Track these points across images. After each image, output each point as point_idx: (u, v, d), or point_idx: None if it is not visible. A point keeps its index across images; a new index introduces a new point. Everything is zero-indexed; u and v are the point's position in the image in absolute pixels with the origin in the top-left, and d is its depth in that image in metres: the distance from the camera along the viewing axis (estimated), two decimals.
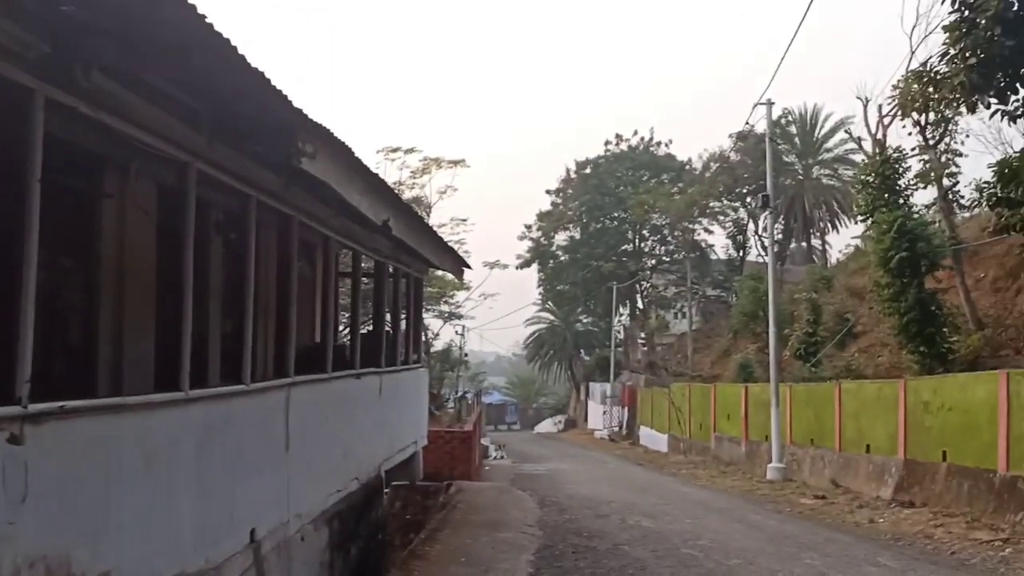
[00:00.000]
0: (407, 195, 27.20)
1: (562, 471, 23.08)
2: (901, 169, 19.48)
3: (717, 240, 56.51)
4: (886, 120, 32.07)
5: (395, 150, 24.09)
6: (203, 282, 8.51)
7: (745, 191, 47.37)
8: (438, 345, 41.92)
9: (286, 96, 5.38)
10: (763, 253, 47.24)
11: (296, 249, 8.35)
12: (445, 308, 48.27)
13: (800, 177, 44.79)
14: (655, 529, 11.96)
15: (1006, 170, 12.50)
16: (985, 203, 13.29)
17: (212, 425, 6.29)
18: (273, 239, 8.39)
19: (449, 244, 12.77)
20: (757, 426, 24.06)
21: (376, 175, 7.88)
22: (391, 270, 12.33)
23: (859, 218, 19.86)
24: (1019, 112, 11.92)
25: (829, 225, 44.29)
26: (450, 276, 38.83)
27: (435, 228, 27.58)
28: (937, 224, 20.27)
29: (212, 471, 6.19)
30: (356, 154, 6.95)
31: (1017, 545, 10.55)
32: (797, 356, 25.30)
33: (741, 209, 49.09)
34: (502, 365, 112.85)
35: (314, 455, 8.68)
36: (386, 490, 15.94)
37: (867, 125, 34.15)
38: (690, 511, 14.11)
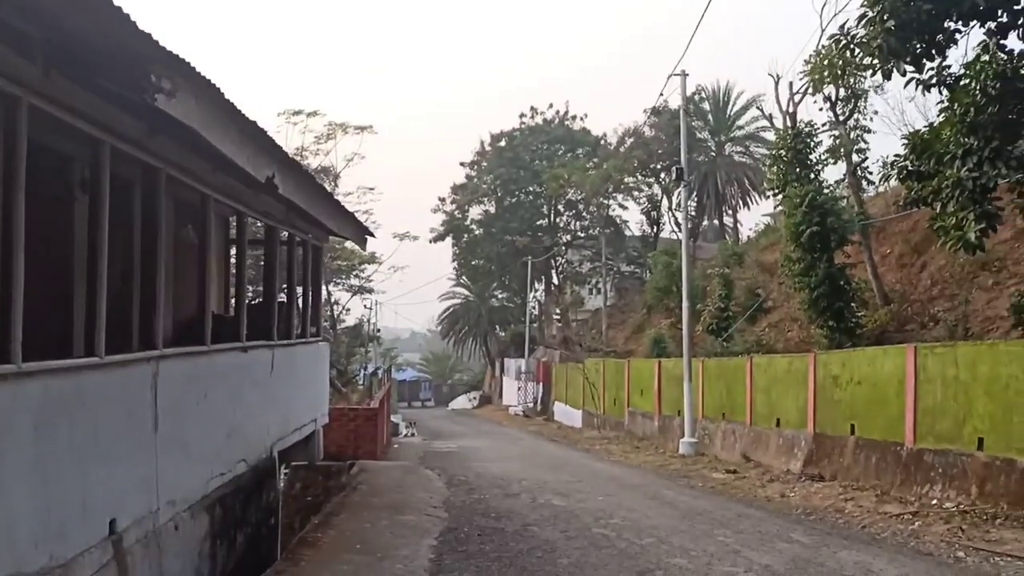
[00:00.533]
0: (312, 163, 25.83)
1: (474, 448, 22.52)
2: (812, 144, 19.52)
3: (632, 216, 56.90)
4: (797, 97, 32.62)
5: (297, 113, 22.76)
6: (65, 244, 7.51)
7: (659, 167, 47.60)
8: (349, 320, 40.85)
9: (132, 19, 4.48)
10: (677, 229, 47.67)
11: (165, 207, 7.38)
12: (355, 282, 47.13)
13: (713, 154, 45.22)
14: (566, 508, 11.49)
15: (918, 142, 12.40)
16: (896, 176, 13.18)
17: (55, 403, 5.38)
18: (139, 196, 7.39)
19: (348, 210, 11.86)
20: (670, 401, 24.04)
21: (256, 124, 6.98)
22: (284, 236, 11.39)
23: (771, 193, 19.82)
24: (933, 81, 11.81)
25: (741, 202, 44.94)
26: (357, 248, 37.98)
27: (340, 197, 26.46)
28: (846, 200, 20.44)
29: (57, 455, 5.30)
30: (228, 96, 6.05)
31: (926, 518, 10.50)
32: (709, 331, 25.37)
33: (655, 185, 49.42)
34: (417, 341, 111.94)
35: (191, 435, 7.79)
36: (285, 471, 15.06)
37: (778, 102, 34.49)
38: (603, 488, 13.72)
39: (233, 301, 10.53)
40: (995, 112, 10.71)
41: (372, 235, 13.63)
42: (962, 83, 11.04)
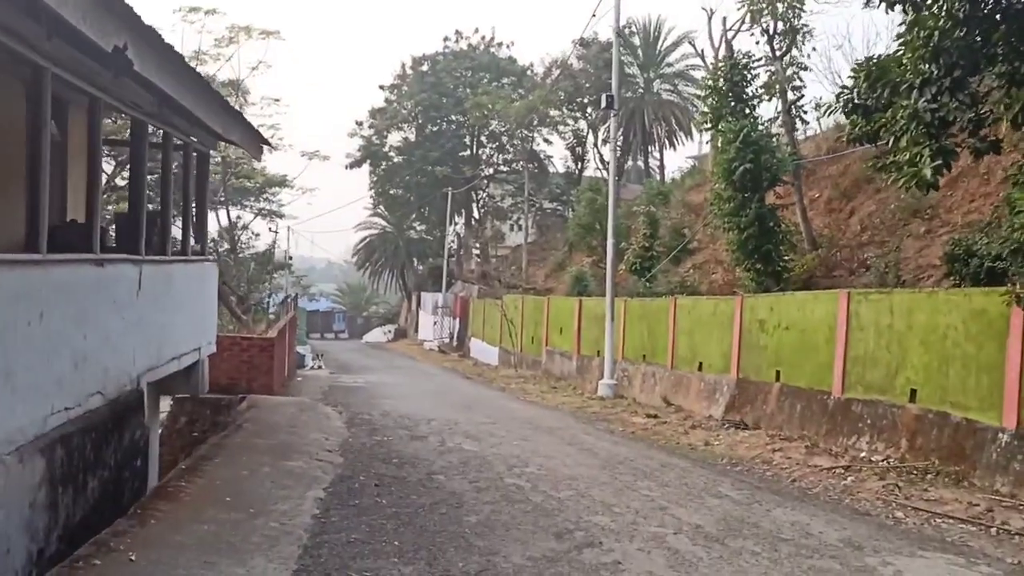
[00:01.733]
0: (211, 69, 23.32)
1: (383, 384, 21.32)
2: (749, 76, 18.52)
3: (556, 151, 55.68)
4: (731, 33, 31.69)
5: (194, 10, 20.26)
6: None
7: (586, 101, 46.32)
8: (259, 246, 38.64)
9: None
10: (602, 166, 46.78)
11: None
12: (264, 205, 44.71)
13: (641, 91, 44.09)
14: (478, 453, 10.45)
15: (872, 69, 11.43)
16: (841, 109, 12.24)
17: None
18: None
19: (235, 108, 10.16)
20: (590, 341, 23.28)
21: None
22: (160, 136, 9.69)
23: (703, 127, 18.80)
24: None
25: (667, 142, 44.13)
26: (265, 167, 35.48)
27: (243, 110, 24.21)
28: (778, 139, 19.64)
29: None
30: None
31: (858, 473, 9.89)
32: (632, 271, 24.59)
33: (582, 120, 48.18)
34: (333, 272, 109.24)
35: (18, 363, 6.29)
36: (169, 404, 13.55)
37: (711, 37, 33.63)
38: (518, 431, 12.75)
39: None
40: (960, 38, 9.78)
41: (269, 144, 11.99)
42: (928, 2, 10.08)
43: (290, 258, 54.14)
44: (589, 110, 46.78)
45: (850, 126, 12.78)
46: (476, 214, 56.29)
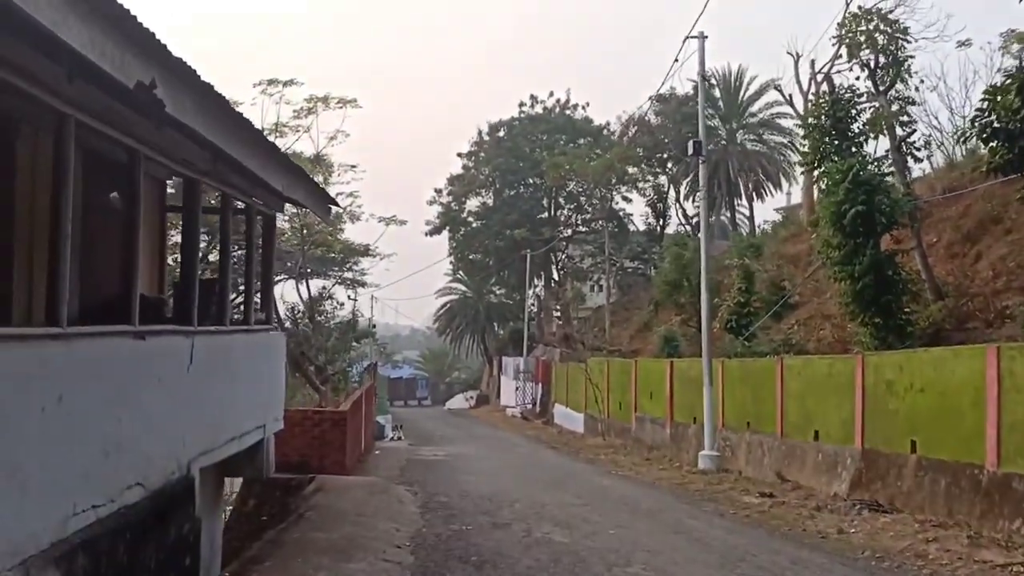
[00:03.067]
0: (290, 141, 23.07)
1: (464, 457, 19.98)
2: (854, 112, 16.94)
3: (636, 209, 54.39)
4: (819, 77, 30.11)
5: (272, 82, 20.10)
6: None
7: (666, 156, 45.13)
8: (343, 315, 38.42)
9: None
10: (685, 222, 45.22)
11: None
12: (348, 275, 44.65)
13: (724, 143, 42.61)
14: (569, 547, 8.96)
15: (1015, 86, 9.83)
16: (976, 136, 10.61)
17: None
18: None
19: (297, 164, 9.30)
20: (684, 406, 21.51)
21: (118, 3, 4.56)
22: (218, 197, 8.88)
23: (803, 169, 17.26)
24: None
25: (754, 193, 42.25)
26: (348, 238, 35.19)
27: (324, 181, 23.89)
28: (888, 179, 17.89)
29: None
30: None
31: None
32: (728, 329, 22.82)
33: (662, 176, 46.93)
34: (417, 339, 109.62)
35: (29, 457, 5.30)
36: (237, 487, 12.57)
37: (798, 82, 32.20)
38: (614, 515, 11.19)
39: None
40: None
41: (336, 204, 11.14)
42: None
43: (374, 326, 54.02)
44: (669, 165, 45.54)
45: (989, 154, 11.11)
46: (555, 276, 55.21)
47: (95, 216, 7.71)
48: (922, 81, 19.00)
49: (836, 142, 16.52)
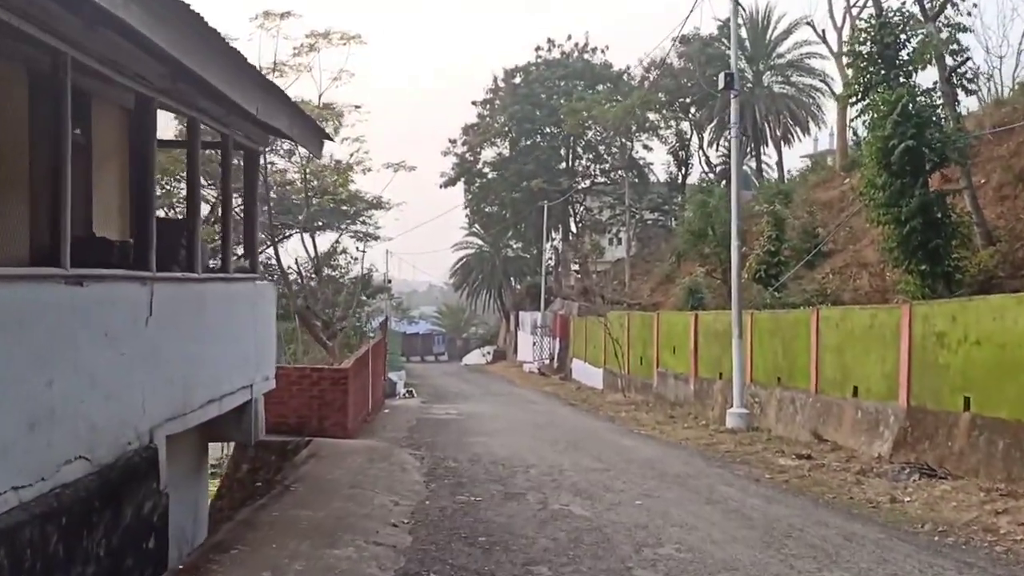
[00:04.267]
0: (290, 82, 21.50)
1: (478, 416, 19.00)
2: (903, 38, 15.35)
3: (656, 158, 52.51)
4: (855, 10, 28.16)
5: (268, 14, 18.54)
6: None
7: (689, 101, 43.28)
8: (357, 270, 37.49)
9: None
10: (709, 170, 43.54)
11: None
12: (361, 228, 43.52)
13: (750, 86, 40.64)
14: (592, 523, 7.89)
15: None
16: None
17: None
18: None
19: (279, 87, 8.03)
20: (709, 361, 20.34)
21: None
22: (187, 124, 7.70)
23: (850, 100, 15.72)
24: None
25: (783, 139, 40.35)
26: (361, 189, 33.92)
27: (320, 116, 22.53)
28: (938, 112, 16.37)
29: None
30: None
31: None
32: (756, 279, 21.52)
33: (684, 123, 45.12)
34: (434, 294, 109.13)
35: None
36: (225, 453, 11.60)
37: (832, 17, 30.24)
38: (639, 482, 10.12)
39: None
40: None
41: (330, 138, 9.92)
42: None
43: (389, 281, 53.03)
44: (693, 110, 43.71)
45: None
46: (573, 228, 53.80)
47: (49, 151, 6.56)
48: (975, 5, 17.30)
49: (883, 71, 15.00)
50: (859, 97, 15.43)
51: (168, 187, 17.74)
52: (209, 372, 8.20)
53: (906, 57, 15.27)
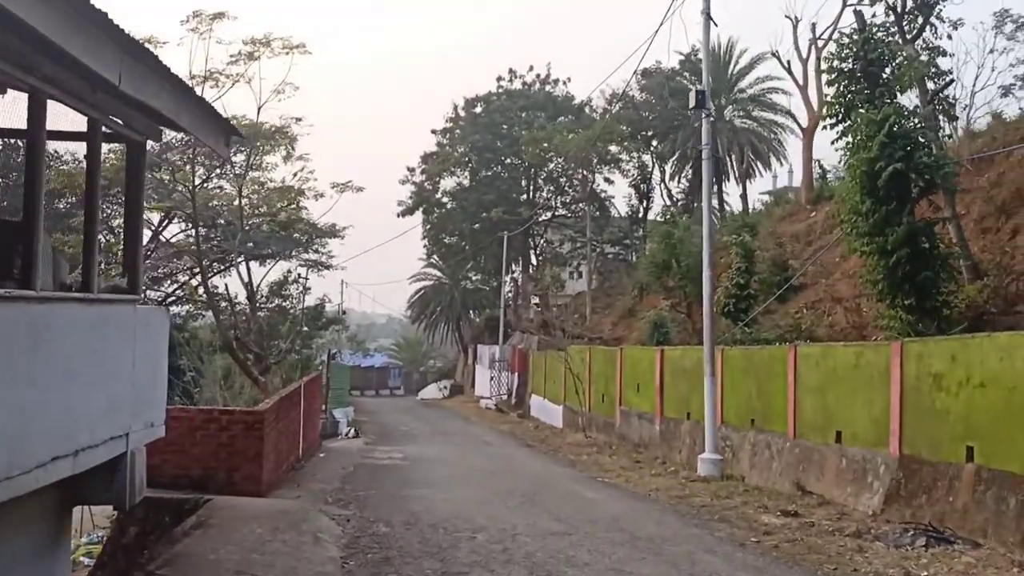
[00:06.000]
0: (228, 94, 19.57)
1: (424, 460, 17.22)
2: (888, 54, 14.30)
3: (618, 191, 51.71)
4: (820, 42, 27.55)
5: (197, 15, 16.76)
6: None
7: (651, 134, 42.50)
8: (310, 300, 35.56)
9: None
10: (670, 203, 42.63)
11: None
12: (313, 256, 41.62)
13: (712, 119, 39.96)
14: None
15: None
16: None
17: None
18: None
19: (158, 57, 6.38)
20: (675, 400, 18.94)
21: None
22: (28, 99, 6.01)
23: (829, 122, 14.60)
24: None
25: (748, 171, 39.57)
26: (311, 216, 32.24)
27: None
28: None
29: None
30: None
31: None
32: (725, 313, 20.24)
33: (646, 155, 44.31)
34: (392, 327, 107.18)
35: None
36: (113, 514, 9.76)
37: (797, 48, 29.61)
38: (607, 550, 8.52)
39: None
40: None
41: (239, 134, 8.23)
42: None
43: (343, 312, 51.04)
44: (655, 143, 42.92)
45: None
46: (533, 261, 52.51)
47: None
48: (955, 28, 16.48)
49: (866, 90, 13.91)
50: (839, 118, 14.30)
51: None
52: (54, 421, 6.39)
53: (889, 74, 14.20)
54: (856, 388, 12.73)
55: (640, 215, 45.85)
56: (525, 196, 50.56)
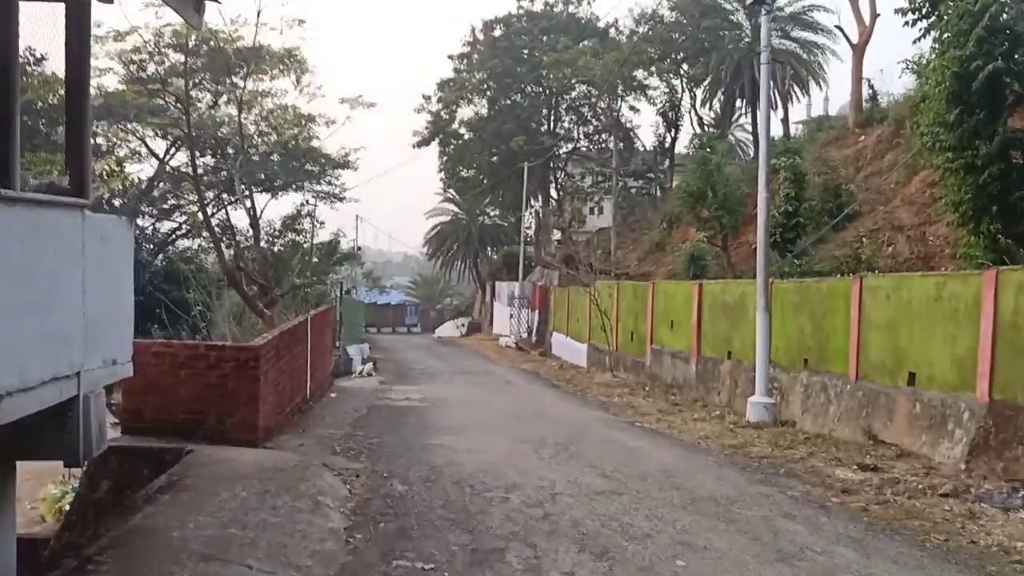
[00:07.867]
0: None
1: (445, 401, 15.84)
2: None
3: (644, 120, 49.37)
4: None
5: None
6: None
7: (681, 56, 40.06)
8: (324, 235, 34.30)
9: None
10: (701, 130, 40.46)
11: None
12: (326, 188, 40.08)
13: (747, 41, 37.43)
14: None
15: None
16: None
17: None
18: None
19: None
20: (715, 338, 17.39)
21: None
22: None
23: (910, 17, 12.59)
24: None
25: (788, 95, 37.11)
26: (322, 146, 30.49)
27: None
28: None
29: None
30: None
31: None
32: (771, 244, 18.47)
33: (675, 80, 41.88)
34: (409, 265, 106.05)
35: None
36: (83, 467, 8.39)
37: None
38: (667, 516, 7.06)
39: None
40: None
41: None
42: None
43: (358, 248, 49.66)
44: (685, 67, 40.50)
45: None
46: (554, 195, 50.54)
47: None
48: None
49: None
50: (923, 12, 12.30)
51: None
52: None
53: None
54: (935, 324, 11.10)
55: (668, 145, 43.72)
56: (546, 127, 48.30)
